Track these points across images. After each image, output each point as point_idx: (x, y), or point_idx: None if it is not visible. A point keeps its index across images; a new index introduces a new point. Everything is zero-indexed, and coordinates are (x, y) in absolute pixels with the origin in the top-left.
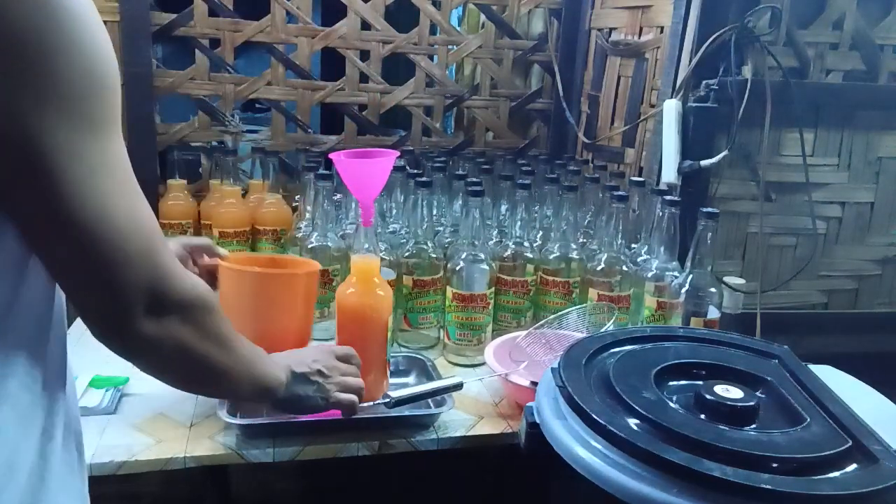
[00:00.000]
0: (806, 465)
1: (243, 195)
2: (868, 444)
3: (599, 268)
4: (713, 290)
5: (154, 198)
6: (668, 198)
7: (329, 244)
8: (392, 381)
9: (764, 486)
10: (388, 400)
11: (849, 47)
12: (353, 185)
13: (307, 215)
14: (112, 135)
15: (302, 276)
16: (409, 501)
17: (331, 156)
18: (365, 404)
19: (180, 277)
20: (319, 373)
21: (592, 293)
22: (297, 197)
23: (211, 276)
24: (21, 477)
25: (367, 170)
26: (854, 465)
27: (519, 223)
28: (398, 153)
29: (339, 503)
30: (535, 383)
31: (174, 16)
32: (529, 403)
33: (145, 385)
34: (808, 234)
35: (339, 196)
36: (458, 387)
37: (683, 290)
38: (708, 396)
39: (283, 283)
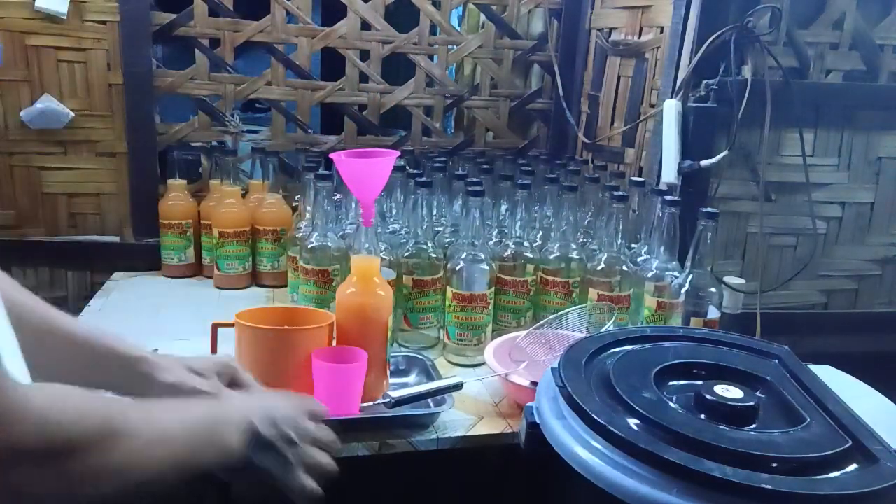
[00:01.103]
0: (806, 465)
1: (243, 195)
2: (868, 444)
3: (599, 268)
4: (713, 290)
5: (154, 198)
6: (668, 198)
7: (329, 244)
8: (392, 381)
9: (764, 486)
10: (388, 400)
11: (849, 47)
12: (353, 185)
13: (307, 215)
14: None
15: (324, 329)
16: (409, 502)
17: (331, 155)
18: (365, 404)
19: (22, 414)
20: (288, 441)
21: (592, 293)
22: (297, 197)
23: None
24: None
25: (368, 169)
26: (854, 465)
27: (519, 223)
28: (398, 153)
29: (339, 503)
30: (535, 383)
31: (174, 16)
32: (529, 403)
33: None
34: (808, 234)
35: (339, 196)
36: (458, 387)
37: (683, 290)
38: (708, 396)
39: (300, 337)
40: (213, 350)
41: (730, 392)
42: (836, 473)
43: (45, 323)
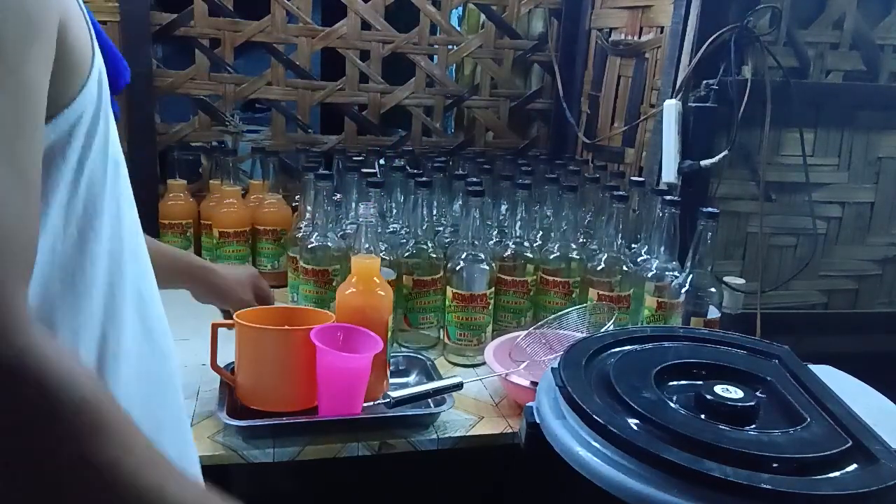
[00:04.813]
0: (806, 465)
1: (243, 195)
2: (868, 444)
3: (599, 268)
4: (713, 290)
5: (154, 198)
6: (668, 198)
7: (329, 244)
8: (392, 381)
9: (764, 486)
10: (388, 400)
11: (849, 47)
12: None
13: (307, 215)
14: None
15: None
16: (409, 501)
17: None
18: (365, 404)
19: (25, 324)
20: None
21: (592, 293)
22: (297, 197)
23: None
24: None
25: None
26: (854, 465)
27: (519, 223)
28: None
29: (339, 503)
30: (535, 383)
31: (174, 16)
32: (529, 403)
33: None
34: (808, 234)
35: (339, 196)
36: (458, 387)
37: (683, 290)
38: (708, 396)
39: (300, 337)
40: (213, 351)
41: (730, 392)
42: (836, 473)
43: None
